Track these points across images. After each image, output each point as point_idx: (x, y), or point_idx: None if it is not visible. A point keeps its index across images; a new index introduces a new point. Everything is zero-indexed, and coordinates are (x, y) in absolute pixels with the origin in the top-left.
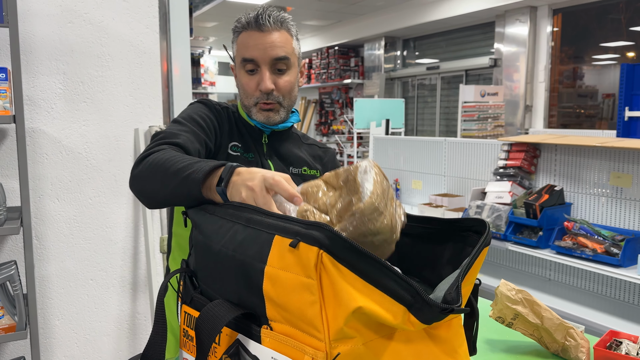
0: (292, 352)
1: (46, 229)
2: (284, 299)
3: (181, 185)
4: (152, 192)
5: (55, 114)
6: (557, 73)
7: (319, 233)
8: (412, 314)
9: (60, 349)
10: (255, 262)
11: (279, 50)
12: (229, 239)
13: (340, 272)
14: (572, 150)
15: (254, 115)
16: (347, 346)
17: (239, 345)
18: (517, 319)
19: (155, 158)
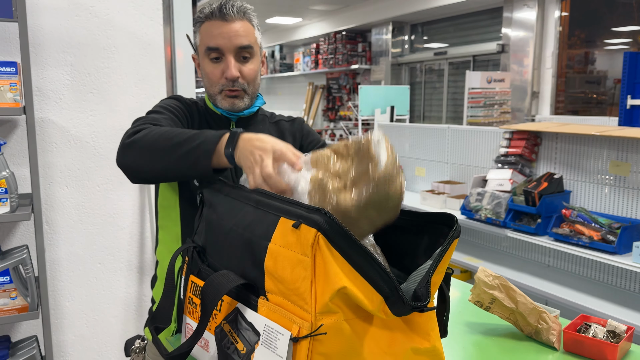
0: (283, 320)
1: (56, 214)
2: (282, 273)
3: (187, 156)
4: (148, 165)
5: (63, 105)
6: (565, 58)
7: (320, 217)
8: (387, 305)
9: (70, 329)
10: (261, 240)
11: (243, 39)
12: (240, 219)
13: (332, 254)
14: (572, 139)
15: (219, 103)
16: (330, 320)
17: (237, 313)
18: (494, 303)
19: (149, 132)
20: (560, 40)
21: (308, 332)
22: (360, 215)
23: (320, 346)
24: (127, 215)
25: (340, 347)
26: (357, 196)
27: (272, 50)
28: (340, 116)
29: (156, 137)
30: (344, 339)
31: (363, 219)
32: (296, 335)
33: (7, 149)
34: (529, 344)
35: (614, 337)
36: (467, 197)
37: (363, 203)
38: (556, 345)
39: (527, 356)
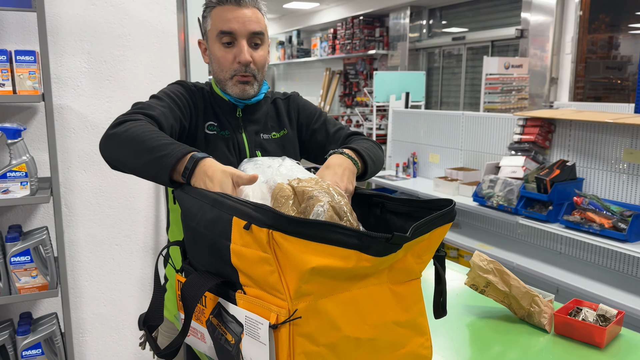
0: (261, 310)
1: (74, 197)
2: (250, 270)
3: (152, 164)
4: (121, 160)
5: (81, 92)
6: (585, 43)
7: (266, 217)
8: (363, 252)
9: (89, 307)
10: (222, 239)
11: (256, 25)
12: (200, 217)
13: (291, 242)
14: (586, 126)
15: (230, 89)
16: (304, 303)
17: (220, 307)
18: (488, 287)
19: (130, 127)
20: (581, 25)
21: (285, 318)
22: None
23: (299, 328)
24: (143, 198)
25: (318, 325)
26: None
27: (290, 36)
28: (357, 102)
29: (131, 137)
30: (320, 317)
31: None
32: (275, 322)
33: (27, 135)
34: (521, 326)
35: (603, 321)
36: (479, 184)
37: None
38: (547, 327)
39: (519, 338)
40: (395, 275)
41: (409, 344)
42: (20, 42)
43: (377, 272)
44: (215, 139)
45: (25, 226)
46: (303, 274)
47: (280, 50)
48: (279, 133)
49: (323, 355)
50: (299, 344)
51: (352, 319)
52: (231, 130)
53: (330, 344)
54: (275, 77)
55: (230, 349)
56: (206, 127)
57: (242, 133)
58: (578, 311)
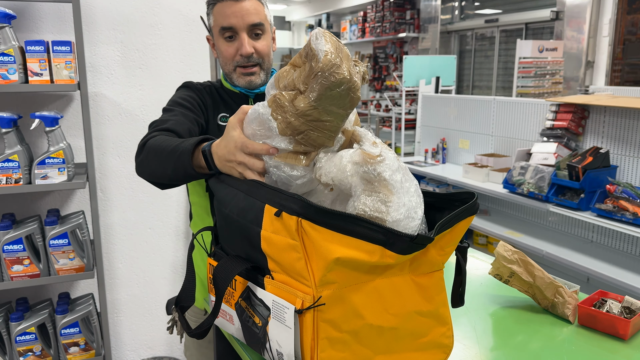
0: (288, 296)
1: (109, 183)
2: (278, 257)
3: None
4: (159, 176)
5: (114, 80)
6: (624, 25)
7: (295, 204)
8: (387, 249)
9: (123, 288)
10: (254, 226)
11: (254, 16)
12: (234, 204)
13: (318, 232)
14: (621, 112)
15: (236, 81)
16: (329, 291)
17: (249, 291)
18: (513, 277)
19: (150, 146)
20: (619, 5)
21: (310, 304)
22: (321, 112)
23: (323, 314)
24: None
25: (342, 312)
26: (308, 97)
27: (319, 19)
28: (387, 86)
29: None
30: (344, 304)
31: (326, 115)
32: (300, 307)
33: (63, 122)
34: (544, 317)
35: (628, 313)
36: (510, 171)
37: (316, 99)
38: (571, 318)
39: (542, 328)
40: (418, 266)
41: (430, 333)
42: (57, 32)
43: (399, 264)
44: None
45: (62, 210)
46: (328, 263)
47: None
48: None
49: (345, 341)
50: (323, 330)
51: (375, 308)
52: None
53: (353, 330)
54: None
55: (258, 331)
56: (219, 119)
57: None
58: (603, 302)
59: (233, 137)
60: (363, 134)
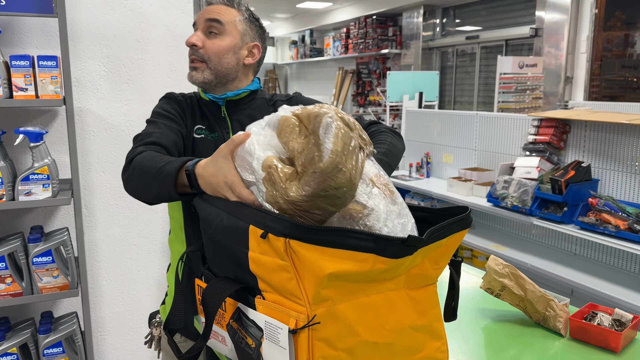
0: (281, 316)
1: (94, 199)
2: (268, 277)
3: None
4: (144, 195)
5: (100, 95)
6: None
7: (281, 226)
8: (379, 255)
9: (107, 306)
10: (240, 247)
11: (214, 14)
12: (217, 224)
13: (308, 250)
14: (602, 127)
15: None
16: (323, 308)
17: (240, 312)
18: (504, 291)
19: (136, 163)
20: (596, 23)
21: (304, 323)
22: (311, 207)
23: (318, 333)
24: None
25: (336, 330)
26: (302, 189)
27: (302, 35)
28: (370, 101)
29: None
30: (338, 322)
31: (316, 209)
32: (294, 327)
33: (48, 137)
34: (536, 330)
35: (619, 326)
36: (493, 185)
37: (309, 196)
38: (562, 331)
39: (534, 341)
40: (412, 280)
41: (425, 348)
42: (42, 47)
43: (394, 278)
44: (202, 142)
45: (46, 227)
46: (321, 280)
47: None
48: None
49: (341, 359)
50: (318, 349)
51: (370, 324)
52: (220, 132)
53: (349, 348)
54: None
55: (251, 352)
56: (194, 132)
57: (230, 133)
58: (593, 315)
59: (223, 171)
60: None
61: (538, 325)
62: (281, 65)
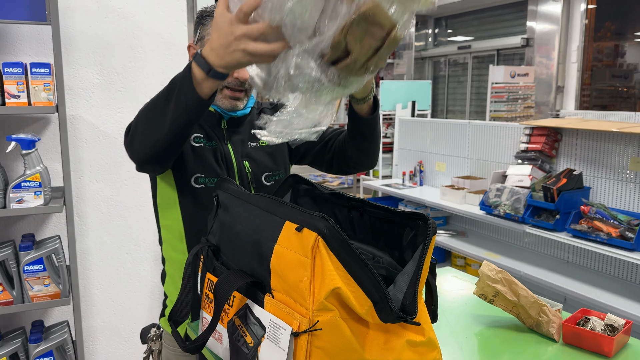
0: (286, 316)
1: (86, 207)
2: (285, 272)
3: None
4: (157, 138)
5: (93, 102)
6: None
7: (321, 223)
8: (375, 310)
9: (99, 315)
10: (268, 241)
11: None
12: (250, 221)
13: (330, 257)
14: (593, 135)
15: (219, 101)
16: (326, 316)
17: (247, 309)
18: (497, 297)
19: (136, 119)
20: (586, 33)
21: (306, 327)
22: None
23: (318, 340)
24: (153, 207)
25: (336, 341)
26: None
27: None
28: None
29: (144, 116)
30: (339, 334)
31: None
32: (296, 330)
33: (40, 145)
34: (530, 336)
35: (612, 331)
36: (486, 193)
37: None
38: (556, 337)
39: (528, 347)
40: None
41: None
42: (35, 55)
43: None
44: (202, 150)
45: (38, 235)
46: (328, 290)
47: None
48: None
49: None
50: (316, 356)
51: (369, 343)
52: (217, 141)
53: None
54: None
55: (247, 352)
56: (192, 140)
57: (228, 144)
58: (586, 321)
59: (223, 18)
60: None
61: (531, 331)
62: None
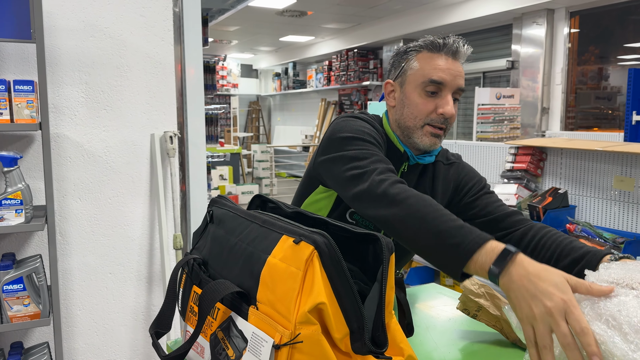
0: (268, 328)
1: (69, 226)
2: (275, 283)
3: (441, 252)
4: (405, 235)
5: (78, 121)
6: (575, 74)
7: (319, 237)
8: (350, 339)
9: (81, 337)
10: (262, 253)
11: (462, 80)
12: (245, 234)
13: (321, 272)
14: (577, 154)
15: (418, 138)
16: (308, 330)
17: (230, 321)
18: (480, 311)
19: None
20: (570, 56)
21: (288, 340)
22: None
23: (298, 354)
24: (137, 227)
25: (316, 355)
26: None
27: (286, 68)
28: None
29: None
30: (320, 349)
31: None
32: (278, 342)
33: (23, 163)
34: (514, 351)
35: None
36: None
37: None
38: None
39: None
40: None
41: None
42: (19, 73)
43: None
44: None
45: (19, 254)
46: (314, 303)
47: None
48: None
49: None
50: None
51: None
52: None
53: None
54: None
55: None
56: None
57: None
58: None
59: (557, 281)
60: None
61: (515, 346)
62: (265, 97)
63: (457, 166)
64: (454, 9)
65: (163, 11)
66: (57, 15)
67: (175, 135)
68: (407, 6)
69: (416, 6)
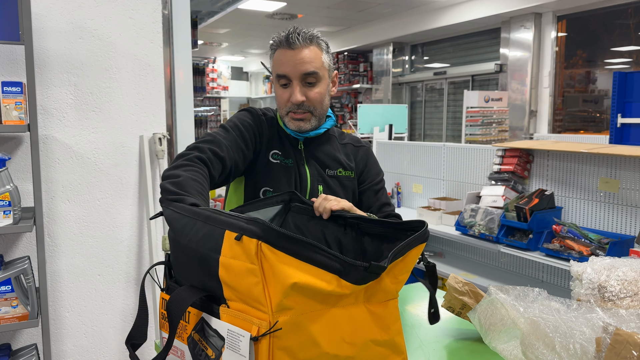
0: (243, 323)
1: (57, 227)
2: (235, 282)
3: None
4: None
5: (66, 122)
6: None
7: (256, 227)
8: (342, 278)
9: (69, 339)
10: (212, 253)
11: (308, 65)
12: (193, 234)
13: (277, 256)
14: (563, 156)
15: (287, 124)
16: (286, 316)
17: (203, 322)
18: (464, 309)
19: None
20: (557, 60)
21: (266, 330)
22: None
23: (279, 341)
24: (126, 228)
25: (298, 339)
26: None
27: None
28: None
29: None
30: (300, 332)
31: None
32: (256, 334)
33: (11, 164)
34: None
35: None
36: (461, 213)
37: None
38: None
39: (495, 359)
40: (372, 295)
41: None
42: (7, 74)
43: (354, 293)
44: (277, 167)
45: (7, 255)
46: (285, 288)
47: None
48: (345, 172)
49: None
50: (278, 357)
51: (332, 336)
52: (294, 160)
53: (309, 359)
54: None
55: None
56: (270, 155)
57: (305, 165)
58: None
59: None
60: None
61: None
62: (255, 100)
63: (365, 150)
64: (442, 12)
65: (152, 13)
66: (45, 17)
67: (164, 137)
68: (396, 10)
69: (405, 10)
